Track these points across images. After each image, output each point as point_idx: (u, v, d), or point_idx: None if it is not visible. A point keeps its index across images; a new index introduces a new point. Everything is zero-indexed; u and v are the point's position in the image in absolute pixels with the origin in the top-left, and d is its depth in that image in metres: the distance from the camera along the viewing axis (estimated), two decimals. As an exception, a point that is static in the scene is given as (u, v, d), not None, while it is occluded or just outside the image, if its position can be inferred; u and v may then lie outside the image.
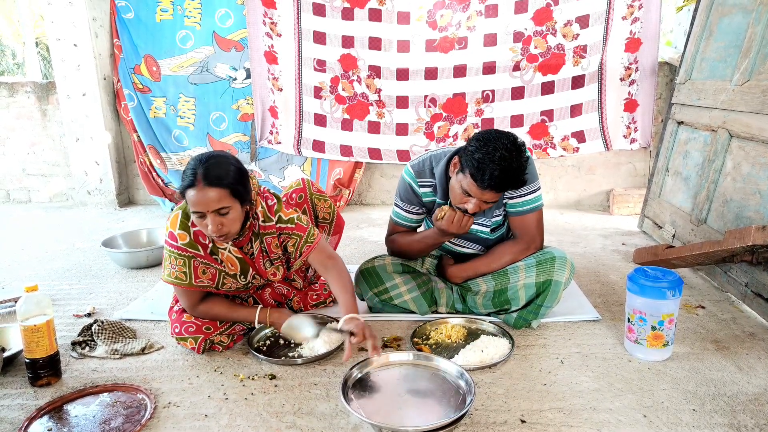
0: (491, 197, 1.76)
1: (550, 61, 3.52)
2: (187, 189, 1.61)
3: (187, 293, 1.82)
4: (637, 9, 3.35)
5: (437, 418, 1.41)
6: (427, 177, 1.99)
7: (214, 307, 1.87)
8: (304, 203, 2.11)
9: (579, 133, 3.63)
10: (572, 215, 3.77)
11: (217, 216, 1.63)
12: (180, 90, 3.97)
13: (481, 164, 1.69)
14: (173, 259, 1.76)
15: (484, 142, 1.72)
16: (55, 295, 2.44)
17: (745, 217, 2.25)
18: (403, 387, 1.59)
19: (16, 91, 4.23)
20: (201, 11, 3.82)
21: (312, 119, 3.84)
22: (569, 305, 2.15)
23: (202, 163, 1.62)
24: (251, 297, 2.07)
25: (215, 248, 1.80)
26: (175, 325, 1.87)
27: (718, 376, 1.67)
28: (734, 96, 2.45)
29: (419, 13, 3.56)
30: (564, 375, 1.69)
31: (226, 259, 1.82)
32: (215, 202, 1.60)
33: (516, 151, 1.71)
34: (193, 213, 1.64)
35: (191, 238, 1.76)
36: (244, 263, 1.86)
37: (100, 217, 3.93)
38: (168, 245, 1.77)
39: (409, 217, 2.07)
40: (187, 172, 1.63)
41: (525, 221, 1.97)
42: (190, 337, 1.84)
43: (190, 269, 1.77)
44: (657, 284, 1.69)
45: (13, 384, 1.69)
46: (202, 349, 1.84)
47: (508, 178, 1.71)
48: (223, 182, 1.61)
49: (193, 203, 1.61)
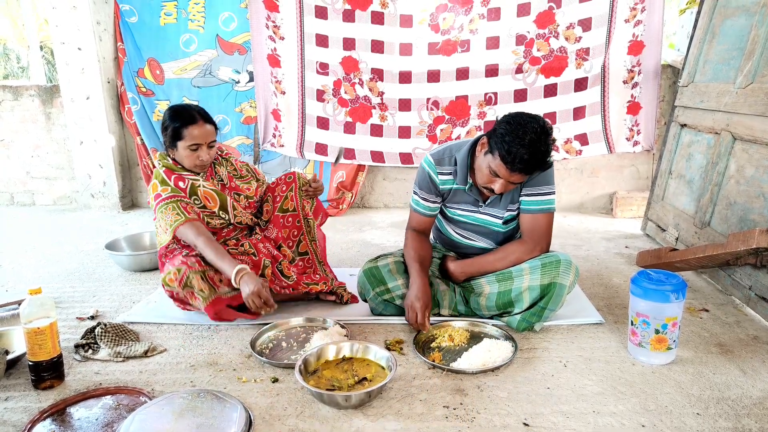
0: (519, 179, 1.82)
1: (553, 64, 3.52)
2: (187, 126, 2.01)
3: (188, 227, 2.01)
4: (639, 12, 3.35)
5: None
6: (446, 164, 2.03)
7: (213, 241, 2.02)
8: (292, 183, 2.30)
9: (582, 136, 3.63)
10: (575, 218, 3.76)
11: (208, 148, 2.07)
12: (183, 93, 3.98)
13: (511, 147, 1.73)
14: (164, 210, 2.03)
15: (514, 125, 1.76)
16: (59, 297, 2.44)
17: (749, 220, 2.24)
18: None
19: (21, 94, 4.25)
20: (204, 15, 3.84)
21: (315, 122, 3.85)
22: (572, 308, 2.15)
23: (193, 108, 2.07)
24: (247, 242, 2.21)
25: (194, 188, 2.11)
26: (162, 261, 2.09)
27: (723, 379, 1.66)
28: (738, 98, 2.44)
29: (422, 16, 3.57)
30: (567, 378, 1.69)
31: (204, 195, 2.13)
32: (212, 134, 2.08)
33: (544, 135, 1.75)
34: (189, 146, 2.03)
35: (172, 187, 2.08)
36: (221, 194, 2.17)
37: (104, 220, 3.94)
38: (157, 204, 2.05)
39: (427, 205, 2.11)
40: (180, 114, 2.03)
41: (535, 221, 1.99)
42: (173, 267, 1.94)
43: (180, 209, 2.04)
44: (660, 287, 1.68)
45: (17, 387, 1.70)
46: (183, 283, 1.93)
47: (536, 161, 1.76)
48: (212, 121, 2.11)
49: (194, 137, 2.02)
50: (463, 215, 2.11)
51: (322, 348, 1.76)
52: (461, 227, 2.16)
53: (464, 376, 1.71)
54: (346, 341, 1.81)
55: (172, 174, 2.11)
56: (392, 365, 1.64)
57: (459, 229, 2.17)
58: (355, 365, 1.72)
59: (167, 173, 2.11)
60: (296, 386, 1.66)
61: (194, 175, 2.14)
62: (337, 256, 3.01)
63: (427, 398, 1.59)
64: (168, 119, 2.06)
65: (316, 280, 2.27)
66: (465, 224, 2.14)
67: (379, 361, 1.72)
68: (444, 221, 2.21)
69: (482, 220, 2.08)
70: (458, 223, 2.15)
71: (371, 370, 1.70)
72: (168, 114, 2.06)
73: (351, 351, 1.78)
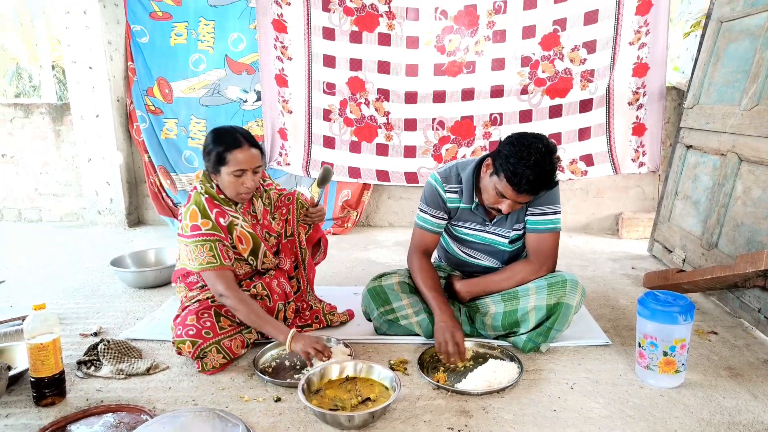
0: (525, 199, 1.83)
1: (558, 85, 3.54)
2: (231, 150, 1.86)
3: (219, 276, 1.88)
4: (644, 35, 3.38)
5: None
6: (453, 183, 2.03)
7: (247, 300, 1.89)
8: (291, 204, 2.22)
9: (587, 157, 3.63)
10: (581, 238, 3.74)
11: (254, 174, 1.92)
12: (191, 111, 4.03)
13: (516, 169, 1.74)
14: (200, 247, 1.88)
15: (518, 146, 1.76)
16: (63, 313, 2.44)
17: (757, 242, 2.22)
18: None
19: (32, 112, 4.32)
20: (214, 35, 3.90)
21: (321, 141, 3.87)
22: (579, 329, 2.12)
23: (237, 130, 1.91)
24: (260, 283, 2.09)
25: (231, 226, 1.96)
26: (178, 328, 1.89)
27: (733, 404, 1.63)
28: (743, 120, 2.45)
29: (428, 38, 3.61)
30: (574, 401, 1.66)
31: (238, 236, 1.98)
32: (258, 159, 1.92)
33: (549, 154, 1.76)
34: (234, 172, 1.88)
35: (213, 222, 1.91)
36: (255, 238, 2.02)
37: (110, 237, 3.96)
38: (192, 237, 1.89)
39: (435, 221, 2.08)
40: (224, 137, 1.88)
41: (541, 240, 1.98)
42: (188, 339, 1.84)
43: (217, 251, 1.89)
44: (668, 308, 1.67)
45: (18, 403, 1.68)
46: (196, 355, 1.84)
47: (542, 181, 1.76)
48: (258, 144, 1.94)
49: (239, 162, 1.87)
50: (469, 234, 2.11)
51: (326, 367, 1.75)
52: (467, 246, 2.15)
53: (469, 397, 1.69)
54: (350, 360, 1.79)
55: (215, 206, 1.93)
56: (396, 385, 1.62)
57: (465, 248, 2.16)
58: (358, 385, 1.70)
59: (209, 203, 1.93)
60: (299, 406, 1.64)
61: (234, 210, 1.99)
62: (342, 275, 3.00)
63: (431, 419, 1.57)
64: (210, 143, 1.90)
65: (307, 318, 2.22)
66: (471, 243, 2.13)
67: (383, 381, 1.70)
68: (450, 240, 2.20)
69: (488, 239, 2.08)
70: (464, 242, 2.14)
71: (375, 390, 1.68)
72: (211, 137, 1.91)
73: (355, 371, 1.76)
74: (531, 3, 3.46)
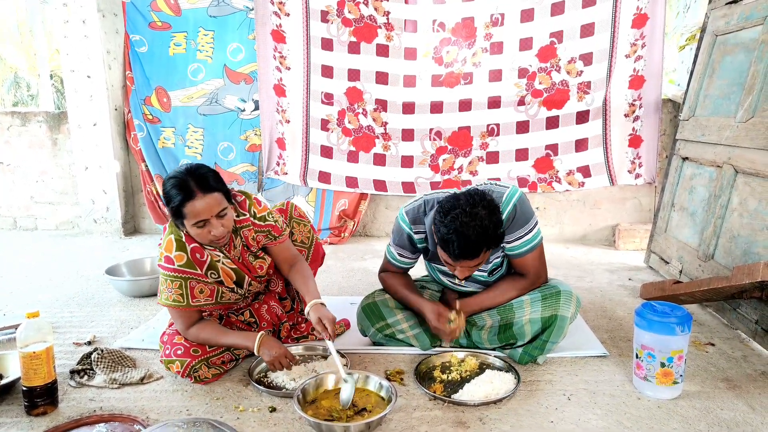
0: (472, 263, 1.72)
1: (555, 97, 3.56)
2: (184, 203, 1.66)
3: (182, 315, 1.84)
4: (640, 47, 3.41)
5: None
6: (421, 224, 1.95)
7: (204, 330, 1.85)
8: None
9: (584, 168, 3.65)
10: (578, 250, 3.74)
11: (218, 219, 1.71)
12: (189, 120, 4.04)
13: (445, 238, 1.67)
14: (169, 282, 1.79)
15: (444, 213, 1.68)
16: (57, 322, 2.42)
17: (754, 253, 2.22)
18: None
19: (29, 120, 4.31)
20: (213, 45, 3.92)
21: (318, 151, 3.88)
22: (576, 340, 2.12)
23: (190, 176, 1.68)
24: (248, 310, 2.07)
25: (213, 263, 1.84)
26: (166, 347, 1.87)
27: (731, 416, 1.62)
28: (739, 132, 2.46)
29: (426, 50, 3.64)
30: (571, 412, 1.65)
31: (222, 270, 1.86)
32: (217, 206, 1.69)
33: (479, 214, 1.64)
34: (195, 224, 1.69)
35: (188, 257, 1.79)
36: (239, 272, 1.90)
37: (105, 246, 3.94)
38: (163, 269, 1.80)
39: (402, 260, 2.06)
40: (175, 189, 1.67)
41: (526, 261, 1.93)
42: (177, 359, 1.82)
43: (186, 290, 1.80)
44: (665, 319, 1.66)
45: (9, 413, 1.66)
46: (186, 373, 1.82)
47: (476, 245, 1.65)
48: (217, 187, 1.71)
49: (196, 213, 1.67)
50: (446, 269, 1.99)
51: (321, 377, 1.73)
52: (448, 277, 2.09)
53: (466, 408, 1.67)
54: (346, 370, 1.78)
55: (192, 241, 1.80)
56: (392, 396, 1.61)
57: (447, 277, 2.10)
58: (354, 395, 1.69)
59: (187, 237, 1.79)
60: (294, 416, 1.63)
61: (214, 248, 1.84)
62: (339, 285, 2.99)
63: (428, 430, 1.55)
64: (164, 196, 1.73)
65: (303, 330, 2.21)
66: (451, 276, 2.06)
67: (379, 392, 1.69)
68: (433, 266, 2.13)
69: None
70: (445, 273, 2.08)
71: (371, 400, 1.67)
72: (165, 187, 1.71)
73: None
74: (528, 16, 3.49)
